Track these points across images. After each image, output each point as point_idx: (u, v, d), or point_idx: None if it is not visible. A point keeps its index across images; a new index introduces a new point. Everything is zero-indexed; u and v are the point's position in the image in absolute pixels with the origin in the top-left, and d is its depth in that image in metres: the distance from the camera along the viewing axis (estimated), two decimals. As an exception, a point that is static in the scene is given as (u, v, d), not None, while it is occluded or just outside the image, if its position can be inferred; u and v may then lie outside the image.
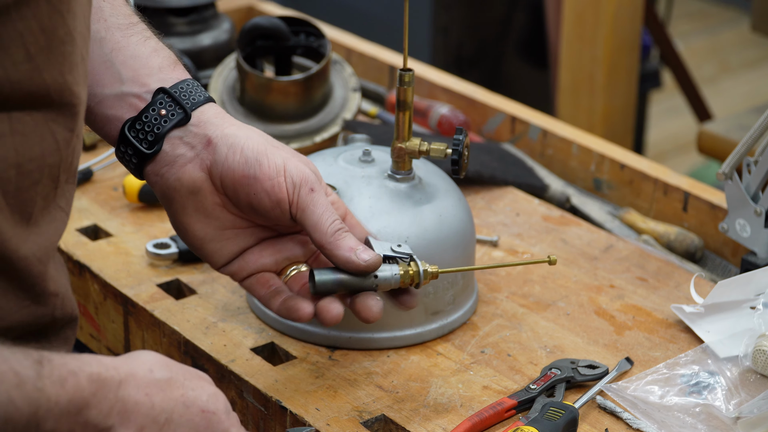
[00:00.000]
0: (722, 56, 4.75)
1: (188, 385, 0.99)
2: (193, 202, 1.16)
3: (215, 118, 1.17)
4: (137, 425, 0.94)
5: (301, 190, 1.14)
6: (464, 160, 1.26)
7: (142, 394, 0.95)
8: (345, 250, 1.14)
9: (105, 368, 0.93)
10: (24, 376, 0.87)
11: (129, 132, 1.15)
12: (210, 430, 0.99)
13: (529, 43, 3.59)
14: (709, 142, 2.49)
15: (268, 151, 1.15)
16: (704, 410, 1.21)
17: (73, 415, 0.90)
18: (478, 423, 1.17)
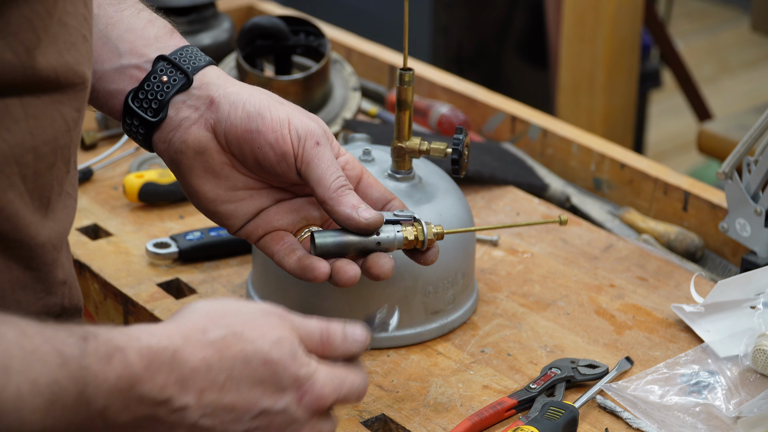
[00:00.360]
0: (722, 56, 4.75)
1: (247, 338, 0.94)
2: (200, 163, 1.14)
3: (217, 79, 1.16)
4: (196, 391, 0.92)
5: (306, 143, 1.12)
6: (464, 159, 1.26)
7: (197, 359, 0.92)
8: (346, 206, 1.12)
9: (157, 339, 0.91)
10: (68, 355, 0.86)
11: (133, 103, 1.14)
12: (275, 378, 0.95)
13: (529, 43, 3.59)
14: (709, 141, 2.50)
15: (271, 106, 1.14)
16: (704, 410, 1.21)
17: (124, 391, 0.88)
18: (478, 423, 1.17)
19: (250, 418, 0.95)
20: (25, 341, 0.84)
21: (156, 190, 1.55)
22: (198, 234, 1.46)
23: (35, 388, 0.84)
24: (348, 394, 1.00)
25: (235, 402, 0.94)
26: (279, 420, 0.96)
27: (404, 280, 1.28)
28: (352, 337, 1.01)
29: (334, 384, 0.98)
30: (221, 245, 1.45)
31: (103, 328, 0.90)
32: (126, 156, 1.68)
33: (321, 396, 0.97)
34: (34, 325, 0.86)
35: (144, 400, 0.90)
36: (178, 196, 1.56)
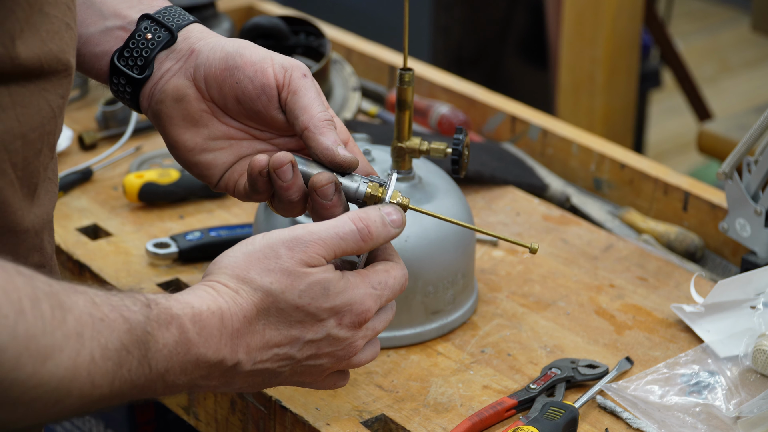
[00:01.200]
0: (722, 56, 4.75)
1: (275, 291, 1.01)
2: (179, 111, 1.14)
3: (200, 32, 1.16)
4: (244, 346, 1.00)
5: (294, 73, 1.11)
6: (464, 159, 1.26)
7: (240, 319, 1.00)
8: (328, 138, 1.10)
9: (206, 305, 0.98)
10: (133, 321, 0.92)
11: (119, 62, 1.14)
12: (310, 316, 1.03)
13: (529, 43, 3.59)
14: (709, 141, 2.49)
15: (250, 46, 1.13)
16: (704, 410, 1.21)
17: (182, 354, 0.96)
18: (478, 423, 1.17)
19: (298, 350, 1.03)
20: (94, 309, 0.90)
21: (156, 190, 1.55)
22: (198, 234, 1.46)
23: (105, 353, 0.89)
24: (390, 297, 1.08)
25: (279, 340, 1.02)
26: (325, 343, 1.04)
27: (404, 280, 1.28)
28: (391, 221, 1.07)
29: (373, 294, 1.06)
30: (221, 245, 1.45)
31: (162, 296, 0.97)
32: (126, 156, 1.68)
33: (361, 311, 1.05)
34: (102, 293, 0.92)
35: (200, 363, 0.97)
36: (178, 196, 1.56)
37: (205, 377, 0.99)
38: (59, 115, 1.00)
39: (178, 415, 1.37)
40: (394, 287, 1.07)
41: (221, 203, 1.58)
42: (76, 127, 1.74)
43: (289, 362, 1.04)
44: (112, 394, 0.91)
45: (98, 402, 0.91)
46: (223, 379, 1.01)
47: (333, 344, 1.05)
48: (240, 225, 1.49)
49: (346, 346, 1.05)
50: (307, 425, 1.19)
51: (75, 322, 0.87)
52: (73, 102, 1.82)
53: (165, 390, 0.97)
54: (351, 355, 1.06)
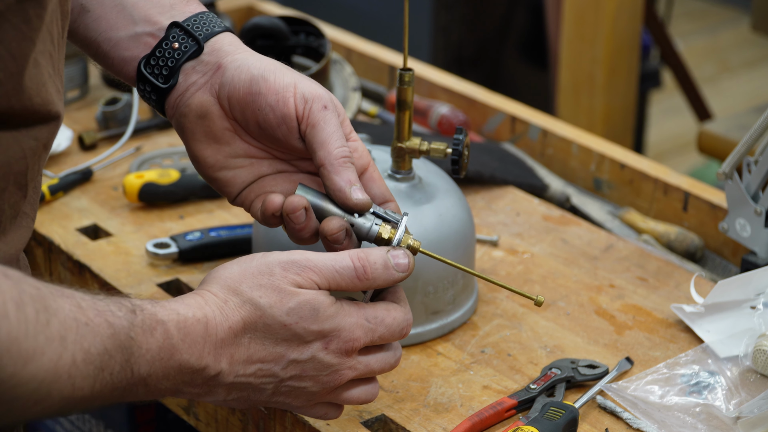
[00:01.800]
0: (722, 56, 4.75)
1: (264, 306, 1.02)
2: (202, 127, 1.14)
3: (229, 45, 1.15)
4: (228, 356, 1.01)
5: (314, 105, 1.11)
6: (464, 159, 1.26)
7: (225, 330, 1.01)
8: (342, 178, 1.10)
9: (192, 312, 0.99)
10: (117, 327, 0.93)
11: (145, 69, 1.15)
12: (297, 337, 1.03)
13: (529, 43, 3.59)
14: (709, 141, 2.49)
15: (276, 70, 1.12)
16: (704, 410, 1.21)
17: (165, 360, 0.97)
18: (478, 423, 1.17)
19: (281, 369, 1.04)
20: (80, 313, 0.91)
21: (156, 190, 1.55)
22: (198, 234, 1.46)
23: (88, 356, 0.91)
24: (384, 334, 1.07)
25: (263, 356, 1.03)
26: (310, 366, 1.05)
27: (404, 281, 1.28)
28: (394, 261, 1.07)
29: (365, 326, 1.06)
30: (221, 245, 1.45)
31: (148, 302, 0.98)
32: (126, 156, 1.68)
33: (349, 339, 1.05)
34: (89, 298, 0.93)
35: (183, 369, 0.98)
36: (178, 196, 1.56)
37: (188, 383, 1.00)
38: (31, 156, 0.99)
39: (178, 415, 1.37)
40: (392, 327, 1.07)
41: (221, 203, 1.58)
42: (76, 127, 1.74)
43: (272, 380, 1.04)
44: (93, 395, 0.92)
45: (79, 403, 0.92)
46: (205, 387, 1.02)
47: (318, 368, 1.05)
48: (240, 225, 1.49)
49: (331, 372, 1.06)
50: (307, 425, 1.19)
51: (59, 326, 0.89)
52: (73, 102, 1.82)
53: (147, 394, 0.98)
54: (336, 384, 1.07)
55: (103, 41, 1.16)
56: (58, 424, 1.86)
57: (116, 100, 1.75)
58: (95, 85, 1.87)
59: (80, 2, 1.15)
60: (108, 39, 1.15)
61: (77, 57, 1.81)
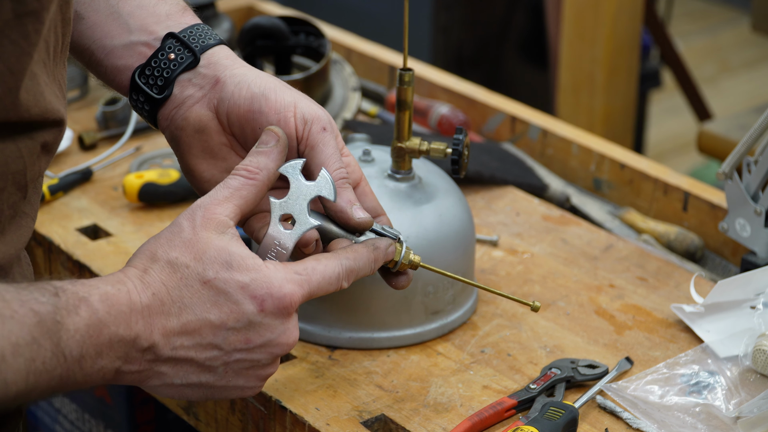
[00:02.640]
0: (722, 56, 4.75)
1: (181, 263, 1.00)
2: (199, 142, 1.14)
3: (226, 59, 1.15)
4: (158, 326, 0.99)
5: (313, 126, 1.11)
6: (464, 159, 1.26)
7: (149, 296, 0.99)
8: (343, 199, 1.11)
9: (111, 285, 0.97)
10: (42, 313, 0.91)
11: (139, 79, 1.14)
12: (223, 294, 1.00)
13: (529, 43, 3.59)
14: (709, 141, 2.49)
15: (277, 88, 1.12)
16: (704, 410, 1.21)
17: (94, 336, 0.94)
18: (478, 423, 1.17)
19: (222, 340, 1.00)
20: (4, 307, 0.90)
21: (156, 190, 1.55)
22: (198, 234, 1.46)
23: (16, 349, 0.89)
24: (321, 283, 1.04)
25: (197, 326, 1.00)
26: (252, 333, 1.01)
27: (404, 281, 1.28)
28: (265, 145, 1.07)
29: (296, 279, 1.02)
30: (221, 245, 1.45)
31: (69, 282, 0.96)
32: (126, 156, 1.68)
33: (282, 294, 1.01)
34: (13, 289, 0.92)
35: (113, 343, 0.96)
36: (178, 196, 1.56)
37: (125, 360, 0.97)
38: (29, 156, 0.99)
39: (178, 415, 1.37)
40: (326, 273, 1.04)
41: (221, 203, 1.58)
42: (76, 127, 1.74)
43: (217, 353, 1.01)
44: (29, 388, 0.91)
45: (16, 398, 0.91)
46: (146, 364, 0.99)
47: (263, 334, 1.01)
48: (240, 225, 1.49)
49: (278, 336, 1.02)
50: (307, 425, 1.19)
51: None
52: (73, 102, 1.82)
53: (86, 379, 0.95)
54: (288, 348, 1.03)
55: (96, 49, 1.15)
56: (58, 424, 1.86)
57: (116, 100, 1.75)
58: (95, 85, 1.87)
59: (75, 9, 1.14)
60: (102, 47, 1.15)
61: (77, 57, 1.81)
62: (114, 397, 1.71)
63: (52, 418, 1.86)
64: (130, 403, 1.70)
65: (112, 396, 1.71)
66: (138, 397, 1.70)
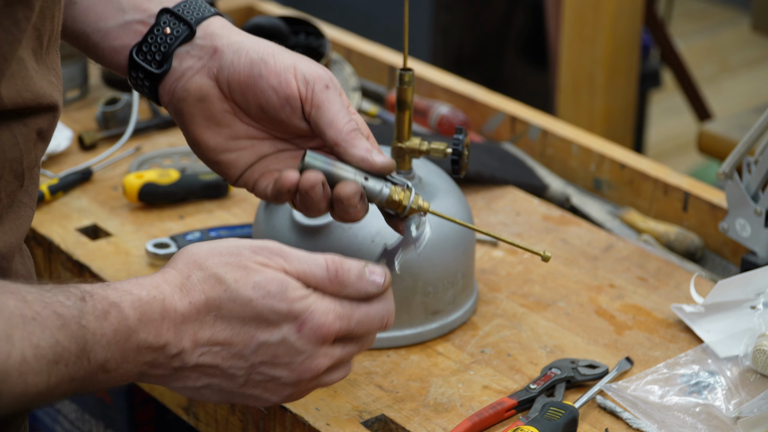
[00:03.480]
0: (722, 56, 4.75)
1: (227, 280, 0.98)
2: (202, 111, 1.14)
3: (222, 29, 1.15)
4: (190, 334, 0.98)
5: (316, 86, 1.11)
6: (464, 159, 1.26)
7: (185, 305, 0.97)
8: (360, 149, 1.10)
9: (146, 291, 0.96)
10: (67, 317, 0.91)
11: (137, 56, 1.14)
12: (263, 317, 0.99)
13: (529, 43, 3.59)
14: (710, 141, 2.49)
15: (275, 52, 1.12)
16: (704, 410, 1.21)
17: (122, 342, 0.94)
18: (478, 423, 1.17)
19: (251, 353, 1.00)
20: (26, 308, 0.89)
21: (156, 190, 1.55)
22: (198, 234, 1.46)
23: (38, 351, 0.89)
24: (360, 324, 1.02)
25: (229, 337, 0.99)
26: (283, 351, 1.00)
27: (404, 280, 1.28)
28: (370, 276, 1.03)
29: (338, 312, 1.01)
30: (221, 245, 1.45)
31: (99, 286, 0.95)
32: (126, 156, 1.68)
33: (322, 324, 1.00)
34: (35, 290, 0.91)
35: (141, 349, 0.95)
36: (178, 196, 1.56)
37: (151, 365, 0.97)
38: (25, 144, 0.99)
39: (178, 415, 1.37)
40: (370, 314, 1.03)
41: (221, 203, 1.58)
42: (76, 127, 1.74)
43: (242, 364, 1.00)
44: (50, 390, 0.91)
45: (35, 399, 0.90)
46: (170, 370, 0.99)
47: (291, 354, 1.00)
48: (240, 225, 1.49)
49: (305, 359, 1.01)
50: (307, 425, 1.19)
51: (4, 324, 0.87)
52: (73, 102, 1.82)
53: (110, 380, 0.95)
54: (312, 374, 1.02)
55: (92, 32, 1.15)
56: (58, 424, 1.86)
57: (116, 100, 1.75)
58: (95, 85, 1.87)
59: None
60: (97, 30, 1.15)
61: (77, 57, 1.81)
62: (114, 397, 1.71)
63: (52, 418, 1.86)
64: (130, 403, 1.70)
65: (112, 396, 1.71)
66: (138, 397, 1.70)
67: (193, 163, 1.67)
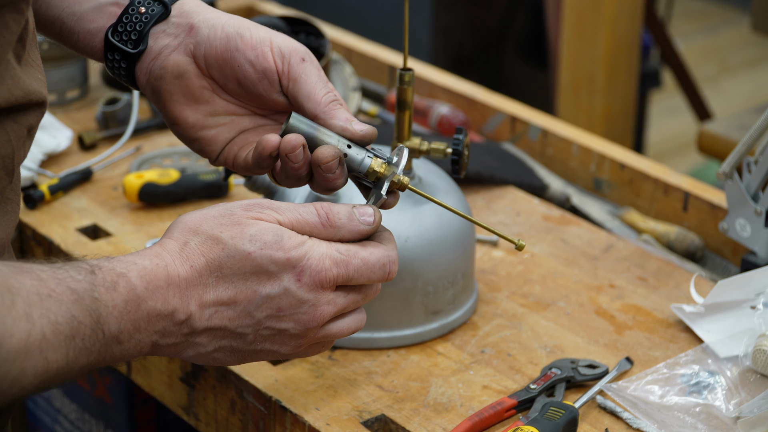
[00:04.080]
0: (722, 56, 4.75)
1: (223, 238, 1.00)
2: (179, 88, 1.14)
3: (197, 7, 1.15)
4: (195, 297, 0.99)
5: (292, 59, 1.11)
6: (464, 159, 1.26)
7: (186, 269, 0.99)
8: (340, 119, 1.10)
9: (149, 260, 0.98)
10: (80, 291, 0.93)
11: (113, 37, 1.14)
12: (263, 268, 1.01)
13: (529, 43, 3.59)
14: (710, 141, 2.49)
15: (250, 26, 1.12)
16: (704, 410, 1.21)
17: (132, 312, 0.96)
18: (478, 423, 1.17)
19: (255, 308, 1.01)
20: (41, 286, 0.91)
21: (156, 190, 1.55)
22: (198, 234, 1.46)
23: (56, 327, 0.90)
24: (359, 271, 1.03)
25: (234, 295, 1.00)
26: (286, 302, 1.02)
27: (404, 281, 1.29)
28: (361, 216, 1.04)
29: (335, 258, 1.02)
30: (221, 245, 1.45)
31: (105, 259, 0.97)
32: (126, 156, 1.68)
33: (320, 269, 1.02)
34: (48, 268, 0.93)
35: (151, 318, 0.97)
36: (178, 196, 1.56)
37: (162, 334, 0.99)
38: (17, 140, 1.00)
39: (178, 415, 1.37)
40: (368, 260, 1.04)
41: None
42: (76, 127, 1.74)
43: (248, 321, 1.01)
44: (69, 365, 0.92)
45: (56, 376, 0.92)
46: (182, 337, 1.00)
47: (293, 305, 1.01)
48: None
49: (309, 308, 1.02)
50: (307, 425, 1.19)
51: (23, 303, 0.89)
52: (73, 102, 1.83)
53: (124, 354, 0.97)
54: (317, 322, 1.03)
55: (66, 17, 1.15)
56: (58, 424, 1.86)
57: (116, 100, 1.75)
58: (95, 85, 1.87)
59: None
60: (72, 14, 1.15)
61: (77, 57, 1.81)
62: (114, 397, 1.71)
63: (52, 418, 1.86)
64: (130, 403, 1.70)
65: (112, 396, 1.71)
66: (138, 397, 1.70)
67: (193, 163, 1.67)
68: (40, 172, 1.62)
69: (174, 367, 1.33)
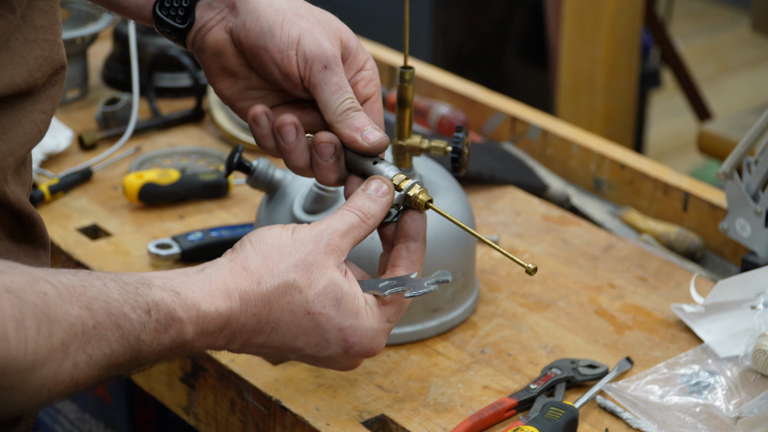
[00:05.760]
0: (722, 56, 4.75)
1: (297, 287, 1.01)
2: (217, 64, 1.16)
3: None
4: (243, 340, 1.01)
5: (314, 66, 1.12)
6: (464, 157, 1.26)
7: (249, 316, 1.00)
8: (351, 129, 1.12)
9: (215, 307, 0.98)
10: (127, 329, 0.93)
11: (161, 12, 1.16)
12: (319, 329, 1.03)
13: (529, 43, 3.59)
14: (710, 141, 2.49)
15: (285, 21, 1.13)
16: (704, 410, 1.21)
17: (175, 350, 0.97)
18: (478, 423, 1.17)
19: (295, 357, 1.05)
20: (88, 317, 0.91)
21: (156, 190, 1.55)
22: (199, 234, 1.46)
23: (91, 360, 0.91)
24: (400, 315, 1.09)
25: (279, 345, 1.03)
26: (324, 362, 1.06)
27: (404, 280, 1.28)
28: (377, 192, 1.08)
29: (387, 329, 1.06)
30: (223, 245, 1.45)
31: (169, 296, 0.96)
32: (126, 156, 1.68)
33: (372, 347, 1.05)
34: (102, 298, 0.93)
35: (190, 354, 1.00)
36: (178, 196, 1.56)
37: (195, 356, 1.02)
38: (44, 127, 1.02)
39: (178, 415, 1.37)
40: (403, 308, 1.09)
41: (221, 203, 1.58)
42: (76, 127, 1.74)
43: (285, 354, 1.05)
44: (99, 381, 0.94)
45: (80, 392, 0.93)
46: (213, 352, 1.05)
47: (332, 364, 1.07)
48: (240, 225, 1.49)
49: (347, 366, 1.08)
50: (307, 425, 1.19)
51: (63, 334, 0.89)
52: (73, 102, 1.82)
53: (143, 369, 0.99)
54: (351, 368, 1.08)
55: None
56: (58, 424, 1.86)
57: (116, 100, 1.75)
58: (95, 85, 1.87)
59: None
60: None
61: (77, 57, 1.81)
62: (114, 397, 1.71)
63: (52, 418, 1.86)
64: (130, 403, 1.70)
65: (112, 396, 1.71)
66: (138, 397, 1.70)
67: (193, 163, 1.67)
68: (40, 172, 1.62)
69: (174, 367, 1.33)
